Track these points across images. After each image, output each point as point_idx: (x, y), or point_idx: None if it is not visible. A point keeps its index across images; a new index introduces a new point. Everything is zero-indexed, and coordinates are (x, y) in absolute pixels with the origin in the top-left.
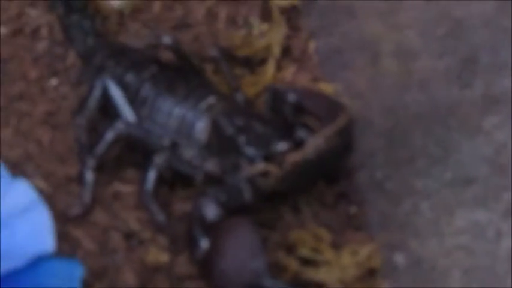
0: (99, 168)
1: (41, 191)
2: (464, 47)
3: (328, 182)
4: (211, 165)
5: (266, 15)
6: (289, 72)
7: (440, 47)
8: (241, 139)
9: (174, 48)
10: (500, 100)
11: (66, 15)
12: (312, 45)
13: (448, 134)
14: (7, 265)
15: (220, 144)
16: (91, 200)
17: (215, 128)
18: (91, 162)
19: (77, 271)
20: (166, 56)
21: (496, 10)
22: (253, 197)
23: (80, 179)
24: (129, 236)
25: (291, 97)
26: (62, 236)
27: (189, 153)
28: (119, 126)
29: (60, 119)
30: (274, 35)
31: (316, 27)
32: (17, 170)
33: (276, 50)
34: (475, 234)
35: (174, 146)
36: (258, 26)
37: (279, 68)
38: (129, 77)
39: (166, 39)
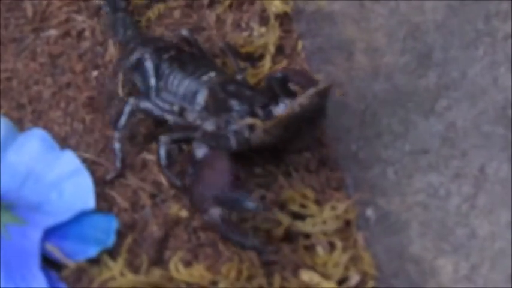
0: (131, 141)
1: (84, 160)
2: (420, 46)
3: (312, 151)
4: (209, 124)
5: (263, 21)
6: (282, 65)
7: (401, 45)
8: (233, 101)
9: (190, 38)
10: (450, 88)
11: (112, 13)
12: (300, 45)
13: (408, 114)
14: (56, 219)
15: (216, 107)
16: (121, 166)
17: (211, 94)
18: (116, 135)
19: (112, 224)
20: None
21: (446, 16)
22: (237, 145)
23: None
24: (154, 195)
25: (278, 73)
26: (101, 196)
27: (192, 115)
28: (132, 101)
29: (99, 103)
30: (270, 36)
31: (303, 30)
32: (64, 143)
33: (272, 48)
34: (430, 194)
35: (181, 110)
36: (257, 29)
37: (274, 62)
38: (153, 57)
39: (184, 32)
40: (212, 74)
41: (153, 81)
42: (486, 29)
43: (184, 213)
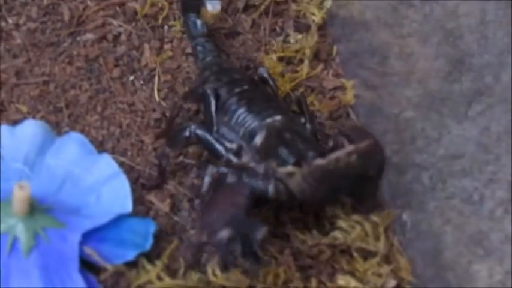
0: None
1: (120, 164)
2: (454, 51)
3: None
4: (259, 168)
5: (298, 26)
6: (318, 70)
7: (435, 51)
8: (282, 150)
9: (266, 78)
10: (483, 93)
11: (192, 38)
12: (334, 50)
13: (442, 119)
14: (94, 222)
15: (267, 152)
16: (162, 179)
17: (267, 138)
18: (171, 153)
19: (150, 228)
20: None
21: (481, 21)
22: (276, 193)
23: (160, 166)
24: (192, 199)
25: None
26: (139, 200)
27: (246, 156)
28: (192, 127)
29: (135, 107)
30: (308, 41)
31: (338, 35)
32: (101, 147)
33: (308, 53)
34: (463, 199)
35: (239, 149)
36: (293, 35)
37: (310, 67)
38: (223, 91)
39: (262, 70)
40: (277, 117)
41: (217, 114)
42: None
43: None
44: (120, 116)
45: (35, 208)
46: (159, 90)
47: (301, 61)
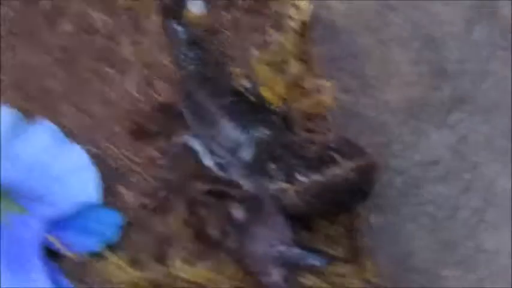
0: (138, 137)
1: (92, 155)
2: (435, 58)
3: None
4: (247, 184)
5: (279, 26)
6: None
7: (416, 56)
8: (271, 165)
9: (252, 91)
10: (464, 101)
11: (176, 46)
12: (315, 51)
13: (420, 125)
14: (59, 210)
15: (257, 167)
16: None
17: (256, 153)
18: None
19: (117, 219)
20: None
21: (463, 29)
22: (278, 210)
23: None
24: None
25: (332, 142)
26: (108, 192)
27: (235, 172)
28: (186, 137)
29: (110, 99)
30: (289, 42)
31: (319, 38)
32: (73, 137)
33: (291, 55)
34: (438, 205)
35: (227, 165)
36: (273, 33)
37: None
38: (209, 103)
39: (246, 83)
40: (265, 130)
41: (203, 129)
42: (502, 43)
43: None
44: (94, 107)
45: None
46: (135, 84)
47: (284, 62)
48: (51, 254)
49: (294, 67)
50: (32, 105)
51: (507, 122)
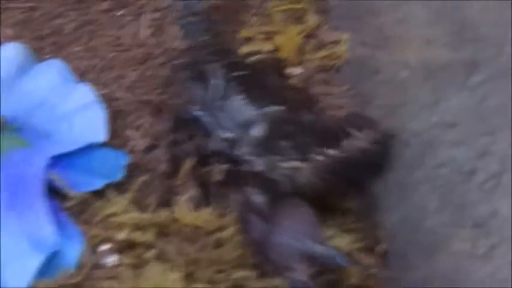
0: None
1: (101, 96)
2: (457, 19)
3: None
4: (259, 163)
5: None
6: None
7: (437, 17)
8: (284, 143)
9: (268, 63)
10: (484, 64)
11: (182, 16)
12: (330, 5)
13: (439, 86)
14: (63, 148)
15: (268, 145)
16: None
17: (268, 130)
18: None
19: (122, 160)
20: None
21: None
22: (292, 190)
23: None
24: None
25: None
26: (115, 134)
27: (244, 149)
28: (194, 108)
29: (121, 42)
30: None
31: None
32: (82, 78)
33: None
34: (453, 168)
35: (235, 140)
36: None
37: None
38: (220, 73)
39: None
40: (278, 107)
41: (212, 98)
42: None
43: None
44: (104, 49)
45: (3, 127)
46: (147, 27)
47: (302, 11)
48: (53, 192)
49: (311, 17)
50: (42, 44)
51: None
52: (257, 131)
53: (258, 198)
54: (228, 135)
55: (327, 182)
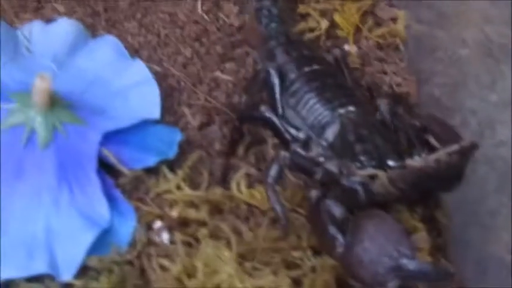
0: (203, 59)
1: (155, 73)
2: None
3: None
4: (331, 165)
5: None
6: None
7: None
8: (359, 147)
9: (340, 60)
10: None
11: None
12: None
13: (498, 65)
14: (117, 124)
15: (342, 148)
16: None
17: (341, 132)
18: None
19: (176, 137)
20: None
21: None
22: (366, 198)
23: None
24: (225, 115)
25: (418, 120)
26: (170, 110)
27: (316, 150)
28: (263, 109)
29: (176, 18)
30: None
31: None
32: (137, 54)
33: None
34: None
35: (307, 140)
36: None
37: None
38: (290, 68)
39: (337, 51)
40: (351, 108)
41: (282, 95)
42: None
43: None
44: (159, 25)
45: (57, 103)
46: (202, 4)
47: None
48: (107, 169)
49: None
50: (96, 20)
51: None
52: (330, 134)
53: (338, 210)
54: (300, 135)
55: (402, 191)
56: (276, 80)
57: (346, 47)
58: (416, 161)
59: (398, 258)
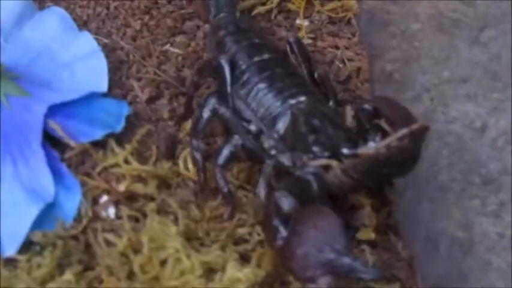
0: (154, 33)
1: (103, 45)
2: None
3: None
4: (284, 158)
5: None
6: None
7: None
8: (312, 138)
9: (294, 48)
10: (498, 19)
11: None
12: None
13: (451, 41)
14: (63, 96)
15: (294, 140)
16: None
17: (293, 124)
18: (195, 143)
19: (123, 110)
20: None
21: None
22: (320, 190)
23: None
24: (174, 88)
25: (369, 103)
26: (117, 83)
27: (268, 142)
28: (212, 102)
29: None
30: None
31: None
32: (85, 27)
33: None
34: (465, 124)
35: (258, 133)
36: None
37: None
38: (241, 57)
39: (291, 39)
40: (302, 98)
41: (232, 86)
42: None
43: None
44: None
45: (2, 75)
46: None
47: None
48: (53, 142)
49: None
50: None
51: None
52: (282, 126)
53: (287, 203)
54: (251, 127)
55: (356, 180)
56: (227, 73)
57: (298, 21)
58: (368, 148)
59: (329, 254)
